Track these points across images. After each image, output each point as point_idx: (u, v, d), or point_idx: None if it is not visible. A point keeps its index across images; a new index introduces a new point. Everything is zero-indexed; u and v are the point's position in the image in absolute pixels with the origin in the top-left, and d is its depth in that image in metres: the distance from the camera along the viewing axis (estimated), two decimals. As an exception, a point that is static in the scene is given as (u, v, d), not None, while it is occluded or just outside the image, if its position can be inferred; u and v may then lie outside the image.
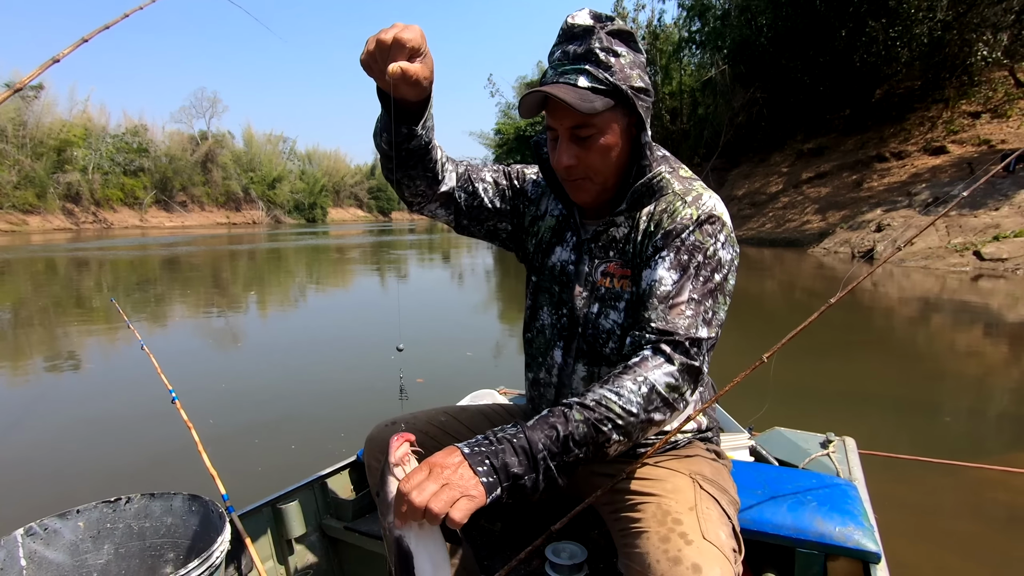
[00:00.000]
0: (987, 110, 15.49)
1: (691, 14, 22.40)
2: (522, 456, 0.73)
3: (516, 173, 1.16)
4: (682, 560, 0.79)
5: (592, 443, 0.77)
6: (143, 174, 44.26)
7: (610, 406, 0.78)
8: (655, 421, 0.81)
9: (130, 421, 3.35)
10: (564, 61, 0.91)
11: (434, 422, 1.20)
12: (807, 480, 1.25)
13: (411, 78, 0.80)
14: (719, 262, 0.90)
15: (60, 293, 9.00)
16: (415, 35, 0.79)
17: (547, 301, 1.08)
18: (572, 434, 0.76)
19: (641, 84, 0.92)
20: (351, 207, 72.38)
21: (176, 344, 5.36)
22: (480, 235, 1.16)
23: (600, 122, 0.91)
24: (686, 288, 0.88)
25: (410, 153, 0.97)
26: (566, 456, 0.75)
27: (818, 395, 3.71)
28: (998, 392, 3.88)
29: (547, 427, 0.76)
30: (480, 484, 0.70)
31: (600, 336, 1.00)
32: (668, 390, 0.81)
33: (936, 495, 2.35)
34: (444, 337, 5.51)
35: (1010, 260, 9.28)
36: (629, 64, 0.91)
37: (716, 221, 0.92)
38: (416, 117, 0.92)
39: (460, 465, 0.71)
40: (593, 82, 0.89)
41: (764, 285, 9.19)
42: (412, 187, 1.04)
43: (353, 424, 3.08)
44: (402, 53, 0.79)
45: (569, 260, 1.06)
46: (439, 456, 0.73)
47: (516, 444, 0.74)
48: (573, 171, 0.95)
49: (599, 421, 0.77)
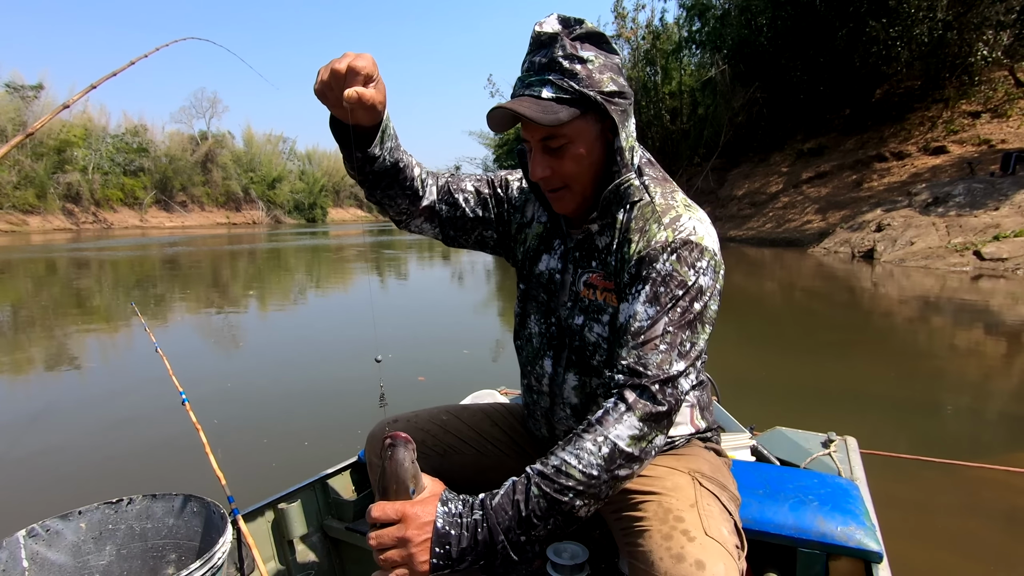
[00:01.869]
0: (987, 110, 15.49)
1: (691, 14, 22.41)
2: (481, 548, 0.76)
3: (499, 181, 1.15)
4: (685, 557, 0.79)
5: (557, 514, 0.77)
6: (143, 174, 44.26)
7: (570, 472, 0.77)
8: (621, 477, 0.80)
9: (140, 422, 3.36)
10: (531, 72, 0.90)
11: (436, 421, 1.20)
12: (809, 480, 1.25)
13: (367, 103, 0.82)
14: (698, 290, 0.86)
15: (65, 294, 9.00)
16: (367, 63, 0.81)
17: (535, 309, 1.08)
18: (533, 512, 0.76)
19: (613, 88, 0.89)
20: (351, 207, 72.41)
21: (185, 343, 5.36)
22: (469, 245, 1.16)
23: (570, 131, 0.89)
24: (660, 322, 0.85)
25: (378, 176, 0.99)
26: (532, 533, 0.77)
27: (819, 395, 3.71)
28: (999, 391, 3.88)
29: (509, 507, 0.77)
30: (428, 563, 0.74)
31: (587, 348, 0.98)
32: (632, 443, 0.79)
33: (937, 494, 2.35)
34: (443, 338, 5.52)
35: (1010, 260, 9.28)
36: (599, 68, 0.88)
37: (693, 247, 0.88)
38: (371, 139, 0.94)
39: (424, 530, 0.75)
40: (558, 92, 0.87)
41: (764, 285, 9.19)
42: (394, 206, 1.06)
43: (354, 422, 3.09)
44: (356, 80, 0.81)
45: (556, 268, 1.05)
46: (415, 511, 0.76)
47: (479, 537, 0.76)
48: (549, 182, 0.95)
49: (559, 492, 0.77)
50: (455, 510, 0.77)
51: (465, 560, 0.75)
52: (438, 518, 0.76)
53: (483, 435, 1.20)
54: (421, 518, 0.75)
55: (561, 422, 1.06)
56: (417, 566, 0.74)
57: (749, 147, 21.25)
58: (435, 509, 0.77)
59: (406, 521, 0.75)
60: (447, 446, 1.18)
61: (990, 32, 14.75)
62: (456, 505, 0.78)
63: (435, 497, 0.79)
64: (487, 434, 1.20)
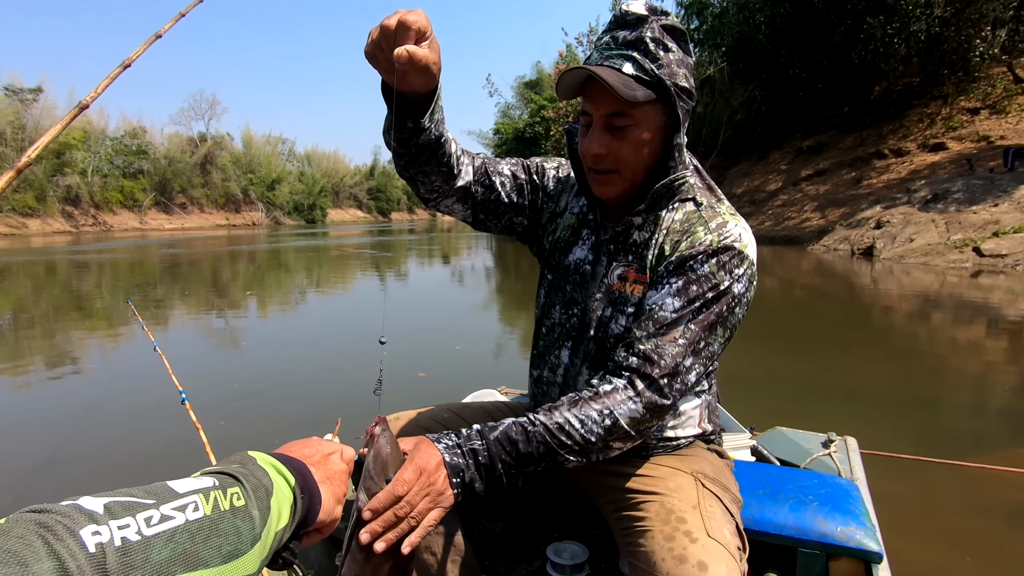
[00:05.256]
0: (986, 106, 15.49)
1: (689, 12, 22.37)
2: (483, 472, 0.79)
3: (535, 167, 1.12)
4: (687, 558, 0.79)
5: (549, 461, 0.82)
6: (142, 176, 44.20)
7: (571, 432, 0.82)
8: (614, 448, 0.85)
9: (141, 420, 3.36)
10: (612, 46, 0.88)
11: (437, 419, 1.19)
12: (809, 480, 1.25)
13: (419, 63, 0.76)
14: (729, 295, 0.87)
15: (67, 295, 9.00)
16: (420, 17, 0.75)
17: (560, 300, 1.06)
18: (530, 454, 0.81)
19: (686, 84, 0.89)
20: (351, 208, 72.33)
21: (185, 343, 5.36)
22: (497, 230, 1.14)
23: (638, 114, 0.88)
24: (684, 317, 0.86)
25: (421, 149, 0.93)
26: (523, 468, 0.81)
27: (819, 394, 3.71)
28: (999, 389, 3.88)
29: (509, 444, 0.80)
30: (451, 496, 0.76)
31: (609, 340, 0.98)
32: (631, 424, 0.83)
33: (937, 494, 2.35)
34: (443, 338, 5.51)
35: (1010, 256, 9.28)
36: (677, 62, 0.88)
37: (735, 254, 0.88)
38: (423, 110, 0.88)
39: (440, 469, 0.76)
40: (639, 70, 0.86)
41: (763, 283, 9.18)
42: (427, 183, 1.00)
43: (356, 422, 3.08)
44: (408, 37, 0.74)
45: (586, 259, 1.03)
46: (423, 459, 0.76)
47: (481, 462, 0.79)
48: (602, 161, 0.92)
49: (558, 446, 0.82)
50: (452, 442, 0.80)
51: (475, 483, 0.78)
52: (443, 454, 0.78)
53: None
54: (430, 463, 0.76)
55: None
56: (444, 501, 0.76)
57: (748, 145, 21.24)
58: (435, 449, 0.78)
59: (420, 473, 0.75)
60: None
61: (988, 28, 14.74)
62: (450, 438, 0.81)
63: (422, 441, 0.79)
64: None
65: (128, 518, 0.40)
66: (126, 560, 0.38)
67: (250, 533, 0.48)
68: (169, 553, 0.41)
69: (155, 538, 0.41)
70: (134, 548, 0.39)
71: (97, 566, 0.37)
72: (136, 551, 0.39)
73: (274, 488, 0.54)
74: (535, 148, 26.76)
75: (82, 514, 0.39)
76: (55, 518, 0.38)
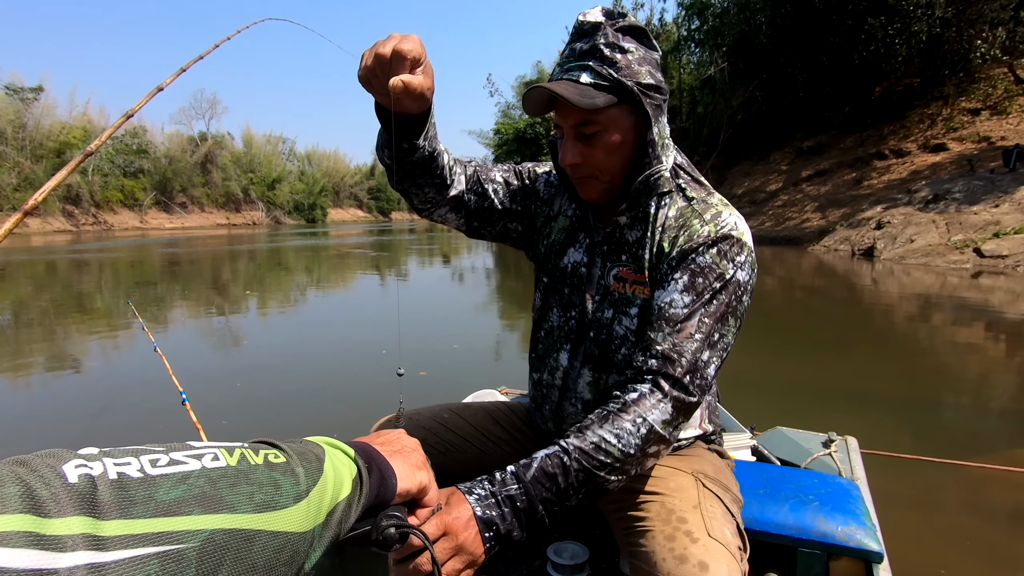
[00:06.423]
0: (987, 107, 15.50)
1: (690, 12, 22.40)
2: (523, 518, 0.75)
3: (527, 172, 1.13)
4: (688, 558, 0.79)
5: (589, 486, 0.79)
6: (143, 175, 44.27)
7: (609, 450, 0.79)
8: (650, 455, 0.83)
9: (141, 421, 3.35)
10: (570, 58, 0.90)
11: (438, 419, 1.19)
12: (809, 480, 1.25)
13: (414, 92, 0.78)
14: (735, 284, 0.88)
15: (67, 295, 9.00)
16: (415, 45, 0.76)
17: (557, 303, 1.07)
18: (571, 485, 0.78)
19: (650, 81, 0.90)
20: (351, 207, 72.37)
21: (184, 343, 5.37)
22: (491, 237, 1.14)
23: (604, 119, 0.90)
24: (696, 312, 0.87)
25: (414, 165, 0.95)
26: (564, 502, 0.78)
27: (820, 394, 3.71)
28: (999, 389, 3.88)
29: (547, 480, 0.77)
30: (484, 552, 0.73)
31: (613, 342, 0.98)
32: (664, 427, 0.83)
33: (938, 494, 2.35)
34: (443, 338, 5.51)
35: (1010, 257, 9.28)
36: (638, 60, 0.89)
37: (734, 242, 0.90)
38: (418, 130, 0.90)
39: (470, 526, 0.72)
40: (596, 78, 0.87)
41: (764, 283, 9.18)
42: (420, 195, 1.02)
43: (359, 421, 3.08)
44: (402, 66, 0.76)
45: (581, 262, 1.04)
46: (451, 514, 0.72)
47: (520, 507, 0.75)
48: (578, 169, 0.94)
49: (598, 468, 0.79)
50: (484, 492, 0.76)
51: (513, 532, 0.75)
52: (474, 508, 0.74)
53: (485, 433, 1.20)
54: (461, 518, 0.72)
55: (570, 417, 1.06)
56: (476, 559, 0.73)
57: (748, 145, 21.26)
58: (466, 503, 0.74)
59: (449, 532, 0.71)
60: (448, 444, 1.18)
61: (988, 29, 14.75)
62: (483, 487, 0.76)
63: (454, 494, 0.76)
64: (489, 432, 1.20)
65: (129, 458, 0.36)
66: (123, 495, 0.34)
67: (293, 488, 0.44)
68: (180, 494, 0.36)
69: (162, 478, 0.36)
70: (134, 483, 0.35)
71: (78, 496, 0.32)
72: (136, 487, 0.35)
73: (326, 456, 0.50)
74: (536, 148, 26.77)
75: (70, 453, 0.35)
76: (37, 458, 0.34)
